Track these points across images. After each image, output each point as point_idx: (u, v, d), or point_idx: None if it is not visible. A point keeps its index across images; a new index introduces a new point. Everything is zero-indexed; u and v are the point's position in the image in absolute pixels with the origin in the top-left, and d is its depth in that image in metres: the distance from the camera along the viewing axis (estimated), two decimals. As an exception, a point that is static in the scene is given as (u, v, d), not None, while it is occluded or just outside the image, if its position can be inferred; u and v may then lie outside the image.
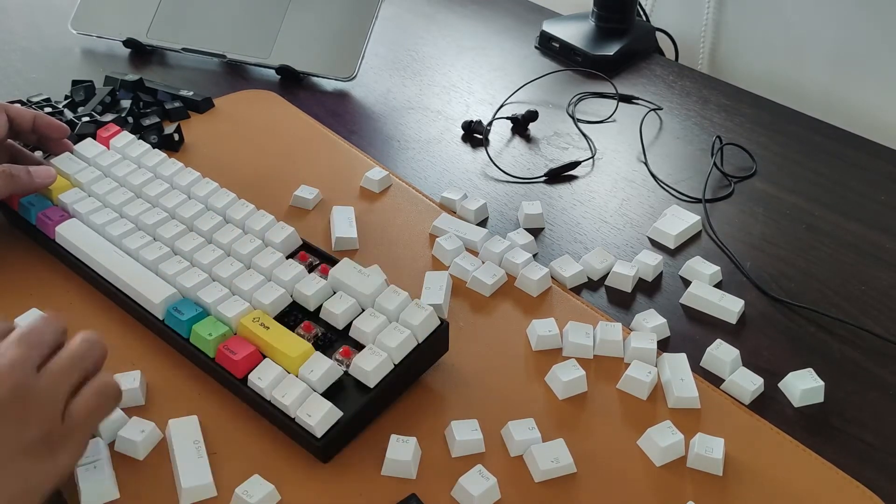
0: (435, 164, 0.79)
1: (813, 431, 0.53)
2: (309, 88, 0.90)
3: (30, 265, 0.63)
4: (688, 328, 0.61)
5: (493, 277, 0.62)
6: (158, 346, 0.57)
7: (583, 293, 0.64)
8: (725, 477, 0.49)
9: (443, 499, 0.47)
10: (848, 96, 0.93)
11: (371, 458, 0.49)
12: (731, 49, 1.03)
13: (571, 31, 0.98)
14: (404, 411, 0.53)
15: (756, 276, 0.65)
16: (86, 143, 0.69)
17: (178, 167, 0.67)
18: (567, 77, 0.94)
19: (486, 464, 0.49)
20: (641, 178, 0.77)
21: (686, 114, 0.87)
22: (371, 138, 0.82)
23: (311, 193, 0.70)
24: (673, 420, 0.52)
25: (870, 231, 0.71)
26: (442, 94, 0.90)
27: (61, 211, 0.63)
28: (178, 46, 0.93)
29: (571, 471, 0.49)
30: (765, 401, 0.55)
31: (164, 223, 0.61)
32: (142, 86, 0.83)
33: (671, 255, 0.68)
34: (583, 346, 0.57)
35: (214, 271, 0.57)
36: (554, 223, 0.71)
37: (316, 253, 0.60)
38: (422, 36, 1.02)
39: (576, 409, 0.54)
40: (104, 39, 0.95)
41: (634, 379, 0.54)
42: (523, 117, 0.84)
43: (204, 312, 0.55)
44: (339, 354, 0.52)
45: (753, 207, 0.74)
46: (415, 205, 0.71)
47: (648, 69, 0.96)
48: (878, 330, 0.61)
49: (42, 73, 0.90)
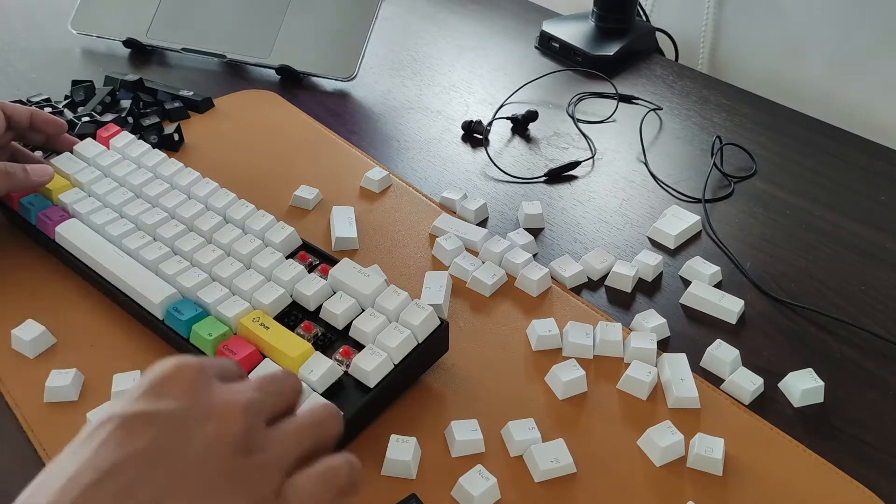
0: (435, 164, 0.79)
1: (813, 431, 0.53)
2: (309, 88, 0.90)
3: (30, 265, 0.63)
4: (688, 328, 0.61)
5: (493, 277, 0.62)
6: (158, 346, 0.57)
7: (583, 293, 0.64)
8: (725, 477, 0.49)
9: (443, 499, 0.47)
10: (848, 96, 0.93)
11: (371, 458, 0.49)
12: (731, 49, 1.03)
13: (571, 31, 0.98)
14: (404, 411, 0.53)
15: (756, 276, 0.65)
16: (86, 143, 0.69)
17: (178, 167, 0.67)
18: (567, 77, 0.94)
19: (486, 464, 0.49)
20: (641, 178, 0.77)
21: (686, 114, 0.87)
22: (371, 138, 0.82)
23: (311, 193, 0.70)
24: (673, 420, 0.52)
25: (870, 231, 0.71)
26: (442, 94, 0.90)
27: (61, 211, 0.63)
28: (178, 46, 0.93)
29: (571, 471, 0.49)
30: (765, 401, 0.55)
31: (164, 223, 0.61)
32: (142, 86, 0.84)
33: (671, 255, 0.68)
34: (583, 346, 0.57)
35: (214, 271, 0.57)
36: (554, 223, 0.71)
37: (316, 253, 0.60)
38: (422, 36, 1.02)
39: (576, 409, 0.54)
40: (104, 39, 0.95)
41: (634, 379, 0.54)
42: (523, 117, 0.84)
43: (204, 312, 0.55)
44: (339, 354, 0.52)
45: (753, 207, 0.74)
46: (415, 205, 0.71)
47: (648, 69, 0.96)
48: (878, 330, 0.61)
49: (42, 73, 0.90)
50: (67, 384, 0.52)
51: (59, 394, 0.53)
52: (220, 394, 0.35)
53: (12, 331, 0.56)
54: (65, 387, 0.52)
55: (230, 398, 0.35)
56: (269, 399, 0.36)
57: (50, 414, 0.52)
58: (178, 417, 0.34)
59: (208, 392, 0.35)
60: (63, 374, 0.53)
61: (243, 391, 0.36)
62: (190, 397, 0.34)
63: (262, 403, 0.36)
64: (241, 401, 0.35)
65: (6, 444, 0.51)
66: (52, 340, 0.57)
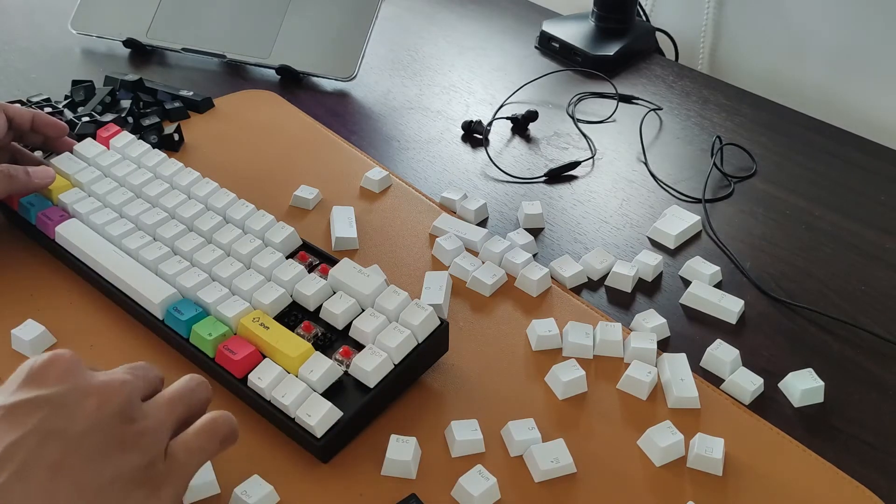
0: (435, 164, 0.79)
1: (813, 431, 0.53)
2: (309, 88, 0.90)
3: (30, 265, 0.63)
4: (688, 328, 0.61)
5: (493, 277, 0.62)
6: (158, 346, 0.57)
7: (583, 293, 0.64)
8: (725, 477, 0.49)
9: (443, 499, 0.47)
10: (848, 96, 0.93)
11: (371, 458, 0.49)
12: (731, 49, 1.03)
13: (571, 31, 0.98)
14: (404, 411, 0.53)
15: (756, 276, 0.65)
16: (86, 143, 0.69)
17: (178, 167, 0.67)
18: (567, 77, 0.94)
19: (486, 464, 0.49)
20: (641, 178, 0.77)
21: (686, 114, 0.87)
22: (371, 138, 0.82)
23: (311, 193, 0.70)
24: (673, 420, 0.52)
25: (870, 231, 0.71)
26: (442, 94, 0.90)
27: (61, 211, 0.63)
28: (178, 46, 0.93)
29: (571, 471, 0.49)
30: (765, 401, 0.55)
31: (164, 223, 0.61)
32: (142, 86, 0.83)
33: (671, 255, 0.68)
34: (583, 346, 0.57)
35: (214, 271, 0.57)
36: (554, 223, 0.71)
37: (316, 253, 0.60)
38: (422, 36, 1.02)
39: (576, 409, 0.54)
40: (104, 39, 0.95)
41: (634, 379, 0.54)
42: (523, 117, 0.84)
43: (204, 312, 0.55)
44: (338, 354, 0.52)
45: (753, 207, 0.74)
46: (415, 205, 0.71)
47: (648, 69, 0.96)
48: (878, 330, 0.61)
49: (42, 73, 0.90)
50: (67, 384, 0.52)
51: (59, 394, 0.53)
52: (96, 376, 0.39)
53: (12, 331, 0.56)
54: (65, 387, 0.52)
55: (106, 379, 0.39)
56: (139, 382, 0.41)
57: (50, 414, 0.52)
58: (60, 397, 0.37)
59: (84, 376, 0.39)
60: (63, 374, 0.53)
61: (117, 374, 0.40)
62: (68, 380, 0.38)
63: (135, 383, 0.40)
64: (117, 379, 0.39)
65: (6, 444, 0.51)
66: (51, 340, 0.57)
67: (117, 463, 0.36)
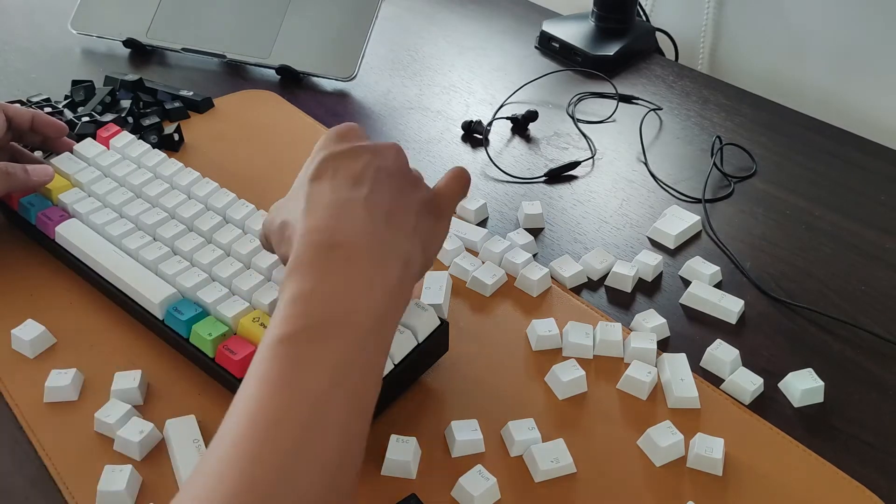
0: (435, 164, 0.79)
1: (813, 431, 0.53)
2: (309, 88, 0.90)
3: (30, 265, 0.63)
4: (688, 328, 0.61)
5: (493, 277, 0.62)
6: (158, 346, 0.57)
7: (583, 293, 0.64)
8: (725, 477, 0.49)
9: (443, 499, 0.47)
10: (848, 96, 0.93)
11: (371, 458, 0.49)
12: (731, 49, 1.03)
13: (571, 31, 0.98)
14: (404, 411, 0.53)
15: (756, 276, 0.65)
16: (86, 143, 0.69)
17: (178, 167, 0.67)
18: (567, 77, 0.94)
19: (486, 464, 0.49)
20: (641, 178, 0.77)
21: (686, 114, 0.87)
22: (371, 138, 0.82)
23: (311, 193, 0.70)
24: (673, 420, 0.52)
25: (870, 231, 0.71)
26: (442, 94, 0.90)
27: (61, 211, 0.63)
28: (178, 46, 0.93)
29: (571, 471, 0.49)
30: (765, 401, 0.55)
31: (164, 223, 0.61)
32: (142, 86, 0.84)
33: (671, 255, 0.68)
34: (583, 346, 0.57)
35: (214, 271, 0.57)
36: (554, 223, 0.71)
37: (316, 253, 0.60)
38: (422, 36, 1.02)
39: (576, 409, 0.54)
40: (104, 39, 0.95)
41: (634, 379, 0.54)
42: (523, 117, 0.84)
43: (204, 312, 0.55)
44: (338, 354, 0.52)
45: (753, 207, 0.74)
46: (415, 205, 0.71)
47: (648, 69, 0.96)
48: (878, 330, 0.61)
49: (42, 73, 0.90)
50: (67, 384, 0.52)
51: (59, 394, 0.53)
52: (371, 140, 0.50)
53: (12, 331, 0.56)
54: (65, 387, 0.52)
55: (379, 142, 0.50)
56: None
57: (50, 414, 0.52)
58: (374, 146, 0.48)
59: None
60: (63, 374, 0.53)
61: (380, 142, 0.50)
62: (367, 139, 0.50)
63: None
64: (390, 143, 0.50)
65: (6, 444, 0.51)
66: (51, 340, 0.57)
67: (415, 195, 0.48)
